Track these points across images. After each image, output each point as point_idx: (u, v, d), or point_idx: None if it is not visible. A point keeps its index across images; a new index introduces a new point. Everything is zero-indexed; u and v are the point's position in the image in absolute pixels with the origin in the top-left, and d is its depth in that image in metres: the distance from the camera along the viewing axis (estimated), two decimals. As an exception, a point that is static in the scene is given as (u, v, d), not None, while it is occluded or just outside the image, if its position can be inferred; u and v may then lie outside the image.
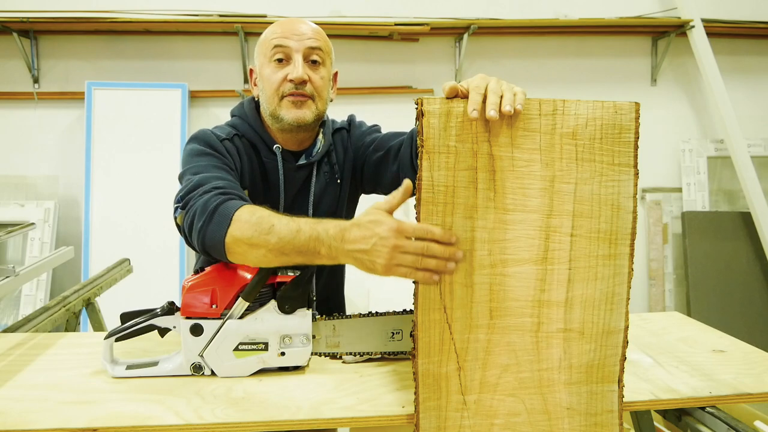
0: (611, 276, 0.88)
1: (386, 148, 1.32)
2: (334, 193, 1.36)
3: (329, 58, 1.29)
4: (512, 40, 3.46)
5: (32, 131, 3.27)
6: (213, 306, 1.03)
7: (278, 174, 1.29)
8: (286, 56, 1.23)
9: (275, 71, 1.23)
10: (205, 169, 1.13)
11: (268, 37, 1.26)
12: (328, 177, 1.35)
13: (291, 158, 1.31)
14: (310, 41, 1.24)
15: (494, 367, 0.89)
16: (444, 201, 0.83)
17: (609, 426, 0.92)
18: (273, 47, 1.24)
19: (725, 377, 1.04)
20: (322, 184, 1.34)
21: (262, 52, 1.27)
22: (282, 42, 1.23)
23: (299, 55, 1.22)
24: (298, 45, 1.23)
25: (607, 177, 0.86)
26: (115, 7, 3.12)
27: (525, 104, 0.83)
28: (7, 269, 1.66)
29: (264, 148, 1.29)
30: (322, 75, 1.26)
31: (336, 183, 1.36)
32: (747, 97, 3.58)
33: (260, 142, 1.29)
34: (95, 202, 3.11)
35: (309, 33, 1.25)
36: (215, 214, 1.00)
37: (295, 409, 0.92)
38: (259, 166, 1.29)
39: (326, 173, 1.35)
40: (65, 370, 1.08)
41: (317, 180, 1.33)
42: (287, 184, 1.30)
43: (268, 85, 1.24)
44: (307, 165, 1.32)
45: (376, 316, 1.10)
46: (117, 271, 2.10)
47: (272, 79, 1.23)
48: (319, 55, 1.25)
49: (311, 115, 1.24)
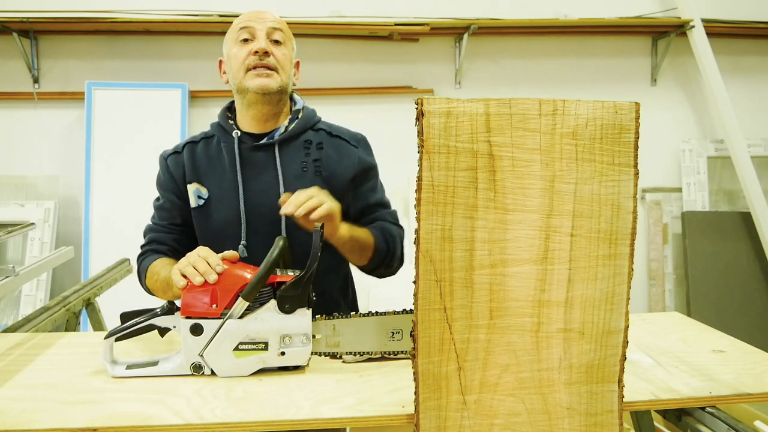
0: (611, 276, 0.88)
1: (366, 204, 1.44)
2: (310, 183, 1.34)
3: (291, 43, 1.42)
4: (512, 40, 3.46)
5: (32, 131, 3.27)
6: (213, 306, 1.03)
7: (234, 156, 1.37)
8: (251, 35, 1.35)
9: (241, 48, 1.35)
10: (153, 215, 1.45)
11: (235, 25, 1.39)
12: (305, 166, 1.37)
13: (250, 140, 1.39)
14: (273, 23, 1.37)
15: (494, 367, 0.89)
16: (444, 201, 0.84)
17: (609, 426, 0.92)
18: (239, 29, 1.36)
19: (725, 377, 1.04)
20: (295, 170, 1.37)
21: (229, 38, 1.39)
22: (246, 24, 1.36)
23: (262, 33, 1.35)
24: (261, 25, 1.36)
25: (607, 177, 0.86)
26: (115, 7, 3.12)
27: (525, 104, 0.83)
28: (7, 269, 1.66)
29: (225, 136, 1.40)
30: (284, 52, 1.37)
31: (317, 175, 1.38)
32: (747, 97, 3.58)
33: (222, 133, 1.40)
34: (95, 202, 3.11)
35: (272, 18, 1.38)
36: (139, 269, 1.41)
37: (295, 409, 0.92)
38: (219, 155, 1.40)
39: (303, 162, 1.37)
40: (65, 370, 1.08)
41: (286, 163, 1.37)
42: (244, 164, 1.37)
43: (234, 62, 1.35)
44: (267, 146, 1.37)
45: (376, 315, 1.10)
46: (117, 271, 2.10)
47: (238, 56, 1.35)
48: (281, 36, 1.37)
49: (275, 84, 1.34)
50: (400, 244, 1.43)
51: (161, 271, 1.30)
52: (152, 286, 1.35)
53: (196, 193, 1.37)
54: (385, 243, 1.37)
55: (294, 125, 1.40)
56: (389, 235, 1.39)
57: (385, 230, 1.40)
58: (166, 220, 1.42)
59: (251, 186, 1.36)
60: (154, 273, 1.33)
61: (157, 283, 1.31)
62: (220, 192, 1.36)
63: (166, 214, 1.42)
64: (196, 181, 1.38)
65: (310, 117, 1.43)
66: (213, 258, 1.09)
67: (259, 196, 1.35)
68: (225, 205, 1.35)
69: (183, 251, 1.24)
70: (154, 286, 1.34)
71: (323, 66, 3.36)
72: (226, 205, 1.35)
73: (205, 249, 1.12)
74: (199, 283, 1.05)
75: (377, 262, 1.38)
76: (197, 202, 1.37)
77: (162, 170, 1.43)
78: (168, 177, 1.41)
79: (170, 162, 1.41)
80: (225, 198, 1.36)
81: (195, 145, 1.42)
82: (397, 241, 1.41)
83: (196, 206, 1.38)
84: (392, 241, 1.39)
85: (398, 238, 1.42)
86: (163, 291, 1.30)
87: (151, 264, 1.35)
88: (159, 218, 1.43)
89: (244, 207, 1.34)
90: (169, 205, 1.41)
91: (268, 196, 1.34)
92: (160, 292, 1.32)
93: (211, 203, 1.37)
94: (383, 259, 1.39)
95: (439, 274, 0.85)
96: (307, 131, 1.41)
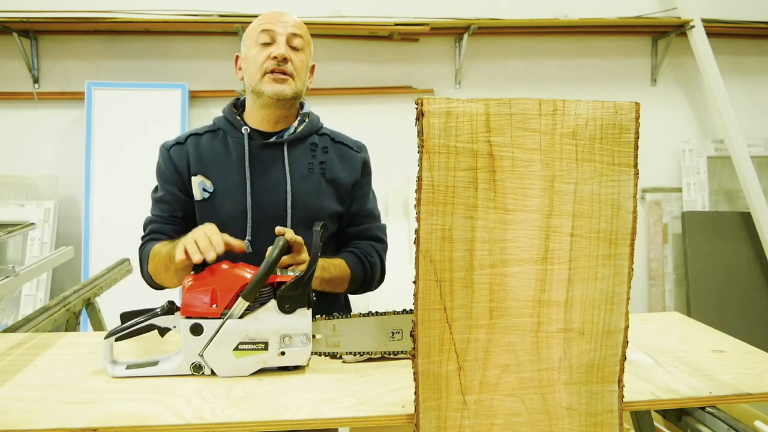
0: (611, 276, 0.88)
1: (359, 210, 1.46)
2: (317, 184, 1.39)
3: (309, 48, 1.43)
4: (512, 40, 3.46)
5: (32, 131, 3.27)
6: (213, 305, 1.03)
7: (244, 151, 1.37)
8: (271, 38, 1.36)
9: (260, 51, 1.36)
10: (151, 207, 1.44)
11: (255, 25, 1.39)
12: (312, 167, 1.40)
13: (260, 137, 1.40)
14: (293, 28, 1.38)
15: (494, 367, 0.89)
16: (444, 201, 0.84)
17: (609, 426, 0.92)
18: (260, 32, 1.36)
19: (725, 377, 1.04)
20: (302, 170, 1.39)
21: (249, 37, 1.39)
22: (268, 27, 1.36)
23: (283, 38, 1.36)
24: (283, 29, 1.36)
25: (607, 177, 0.86)
26: (115, 7, 3.12)
27: (525, 104, 0.83)
28: (7, 269, 1.66)
29: (234, 131, 1.40)
30: (301, 59, 1.39)
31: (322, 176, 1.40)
32: (747, 97, 3.58)
33: (230, 128, 1.40)
34: (95, 202, 3.11)
35: (293, 22, 1.39)
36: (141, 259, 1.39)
37: (295, 409, 0.92)
38: (226, 149, 1.40)
39: (310, 164, 1.40)
40: (65, 370, 1.08)
41: (294, 163, 1.39)
42: (253, 160, 1.38)
43: (252, 63, 1.36)
44: (277, 144, 1.39)
45: (376, 315, 1.10)
46: (117, 271, 2.10)
47: (257, 58, 1.36)
48: (300, 43, 1.38)
49: (290, 90, 1.36)
50: (381, 266, 1.47)
51: (163, 249, 1.29)
52: (154, 268, 1.33)
53: (201, 185, 1.37)
54: (362, 271, 1.41)
55: (302, 127, 1.42)
56: (368, 261, 1.43)
57: (365, 255, 1.43)
58: (167, 212, 1.41)
59: (258, 182, 1.36)
60: (156, 254, 1.31)
61: (160, 262, 1.29)
62: (226, 186, 1.36)
63: (167, 207, 1.41)
64: (201, 174, 1.37)
65: (316, 122, 1.46)
66: (216, 237, 1.11)
67: (265, 193, 1.36)
68: (231, 199, 1.36)
69: None
70: (156, 268, 1.32)
71: (323, 66, 3.35)
72: (232, 200, 1.35)
73: (211, 226, 1.14)
74: (197, 260, 1.08)
75: (354, 289, 1.44)
76: (202, 195, 1.37)
77: (164, 160, 1.41)
78: (171, 167, 1.39)
79: (173, 152, 1.40)
80: (231, 192, 1.36)
81: (199, 138, 1.41)
82: (376, 265, 1.45)
83: (201, 199, 1.37)
84: (371, 267, 1.43)
85: (378, 261, 1.46)
86: (166, 267, 1.28)
87: (153, 247, 1.34)
88: (159, 210, 1.42)
89: (251, 203, 1.35)
90: (170, 198, 1.40)
91: (275, 193, 1.36)
92: (163, 269, 1.29)
93: (216, 197, 1.37)
94: (360, 286, 1.44)
95: (439, 274, 0.85)
96: (312, 135, 1.44)
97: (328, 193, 1.40)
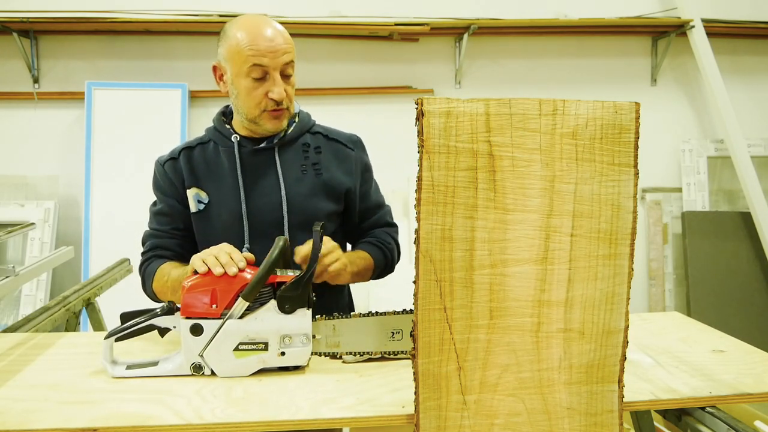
0: (611, 276, 0.88)
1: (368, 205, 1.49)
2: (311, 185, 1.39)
3: (294, 59, 1.35)
4: (512, 40, 3.46)
5: (32, 131, 3.27)
6: (213, 306, 1.03)
7: (235, 160, 1.37)
8: (263, 74, 1.29)
9: (255, 88, 1.30)
10: (150, 221, 1.43)
11: (242, 50, 1.27)
12: (305, 168, 1.40)
13: (250, 144, 1.39)
14: (284, 56, 1.29)
15: (494, 367, 0.89)
16: (444, 201, 0.84)
17: (609, 426, 0.92)
18: (250, 65, 1.27)
19: (725, 377, 1.04)
20: (295, 173, 1.39)
21: (234, 61, 1.29)
22: (259, 61, 1.27)
23: (277, 73, 1.29)
24: (275, 63, 1.28)
25: (607, 177, 0.86)
26: (115, 7, 3.12)
27: (525, 104, 0.83)
28: (7, 269, 1.66)
29: (224, 141, 1.39)
30: (293, 84, 1.35)
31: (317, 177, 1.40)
32: (747, 97, 3.58)
33: (221, 138, 1.40)
34: (95, 202, 3.11)
35: (282, 46, 1.29)
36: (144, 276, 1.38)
37: (295, 409, 0.92)
38: (218, 159, 1.39)
39: (303, 165, 1.40)
40: (65, 370, 1.08)
41: (286, 166, 1.39)
42: (245, 167, 1.37)
43: (248, 99, 1.31)
44: (267, 149, 1.38)
45: (376, 315, 1.10)
46: (117, 271, 2.10)
47: (252, 95, 1.30)
48: (291, 66, 1.32)
49: (287, 121, 1.38)
50: (397, 248, 1.52)
51: (172, 272, 1.29)
52: (160, 288, 1.33)
53: (196, 197, 1.37)
54: (383, 257, 1.45)
55: (292, 129, 1.41)
56: (386, 247, 1.47)
57: (382, 242, 1.47)
58: (168, 225, 1.40)
59: (252, 189, 1.36)
60: (163, 274, 1.31)
61: (167, 284, 1.29)
62: (220, 196, 1.36)
63: (168, 219, 1.40)
64: (195, 186, 1.38)
65: (306, 121, 1.45)
66: (237, 254, 1.10)
67: (260, 199, 1.35)
68: (226, 209, 1.35)
69: (187, 255, 1.23)
70: (162, 288, 1.32)
71: (323, 66, 3.36)
72: (227, 209, 1.35)
73: (230, 245, 1.14)
74: (218, 273, 1.05)
75: (377, 276, 1.47)
76: (197, 206, 1.37)
77: (160, 175, 1.41)
78: (167, 181, 1.39)
79: (167, 168, 1.40)
80: (226, 202, 1.36)
81: (191, 151, 1.41)
82: (393, 250, 1.49)
83: (197, 211, 1.37)
84: (390, 251, 1.48)
85: (394, 245, 1.51)
86: (173, 291, 1.27)
87: (159, 267, 1.34)
88: (159, 224, 1.41)
89: (246, 210, 1.34)
90: (171, 210, 1.40)
91: (270, 198, 1.35)
92: (170, 293, 1.29)
93: (211, 207, 1.37)
94: (382, 272, 1.48)
95: (439, 274, 0.85)
96: (304, 134, 1.43)
97: (324, 194, 1.39)
